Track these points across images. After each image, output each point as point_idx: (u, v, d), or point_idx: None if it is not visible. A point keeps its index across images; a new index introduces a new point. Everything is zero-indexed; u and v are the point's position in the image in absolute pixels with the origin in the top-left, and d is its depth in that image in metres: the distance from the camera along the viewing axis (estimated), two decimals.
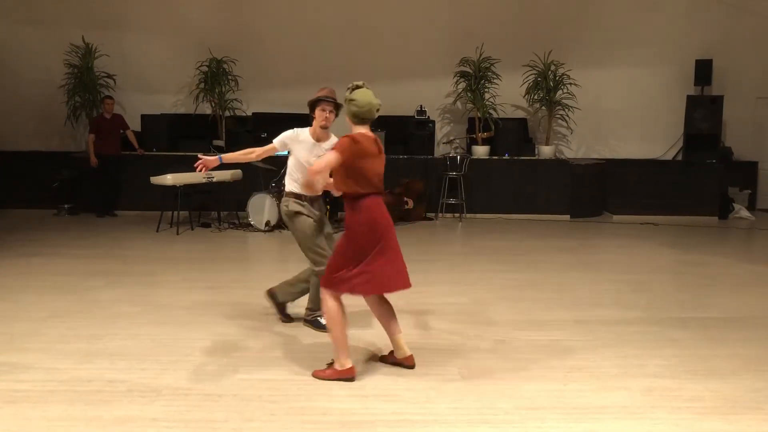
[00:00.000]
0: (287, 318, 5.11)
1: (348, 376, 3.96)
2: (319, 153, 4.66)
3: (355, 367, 4.02)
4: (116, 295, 5.75)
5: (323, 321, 4.64)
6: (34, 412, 3.50)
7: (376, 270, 3.90)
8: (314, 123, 4.74)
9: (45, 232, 8.84)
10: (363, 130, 3.99)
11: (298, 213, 4.69)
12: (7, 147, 10.75)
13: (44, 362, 4.18)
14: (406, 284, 4.06)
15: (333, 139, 4.78)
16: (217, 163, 4.67)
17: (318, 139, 4.76)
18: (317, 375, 4.02)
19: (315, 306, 4.89)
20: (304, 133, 4.77)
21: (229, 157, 4.78)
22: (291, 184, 4.77)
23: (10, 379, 3.92)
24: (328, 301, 3.96)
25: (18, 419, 3.42)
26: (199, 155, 4.63)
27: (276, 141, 4.79)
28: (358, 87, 4.01)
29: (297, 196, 4.73)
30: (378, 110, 4.00)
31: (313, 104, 4.72)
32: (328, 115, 4.68)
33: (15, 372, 4.02)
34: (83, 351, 4.38)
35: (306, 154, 4.72)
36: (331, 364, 4.05)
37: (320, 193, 4.80)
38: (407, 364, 4.18)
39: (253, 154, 4.78)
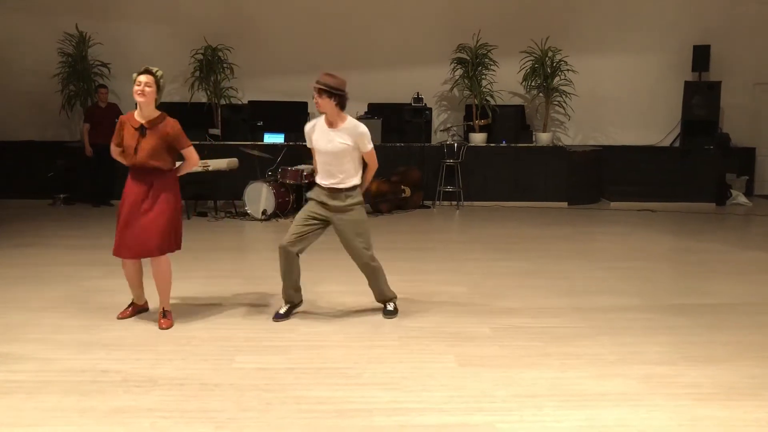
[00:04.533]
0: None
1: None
2: (330, 138, 4.61)
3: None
4: (112, 285, 5.70)
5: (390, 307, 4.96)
6: (29, 402, 3.48)
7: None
8: None
9: (40, 222, 8.80)
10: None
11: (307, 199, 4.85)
12: (1, 137, 10.67)
13: (39, 353, 4.16)
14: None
15: (349, 123, 4.63)
16: None
17: (330, 124, 4.63)
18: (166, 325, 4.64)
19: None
20: (320, 121, 4.71)
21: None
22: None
23: (5, 369, 3.90)
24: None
25: (12, 410, 3.40)
26: None
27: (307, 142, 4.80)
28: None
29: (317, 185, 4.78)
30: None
31: None
32: (316, 99, 4.55)
33: (9, 362, 4.00)
34: (78, 341, 4.36)
35: (322, 141, 4.65)
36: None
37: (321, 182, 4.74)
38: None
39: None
